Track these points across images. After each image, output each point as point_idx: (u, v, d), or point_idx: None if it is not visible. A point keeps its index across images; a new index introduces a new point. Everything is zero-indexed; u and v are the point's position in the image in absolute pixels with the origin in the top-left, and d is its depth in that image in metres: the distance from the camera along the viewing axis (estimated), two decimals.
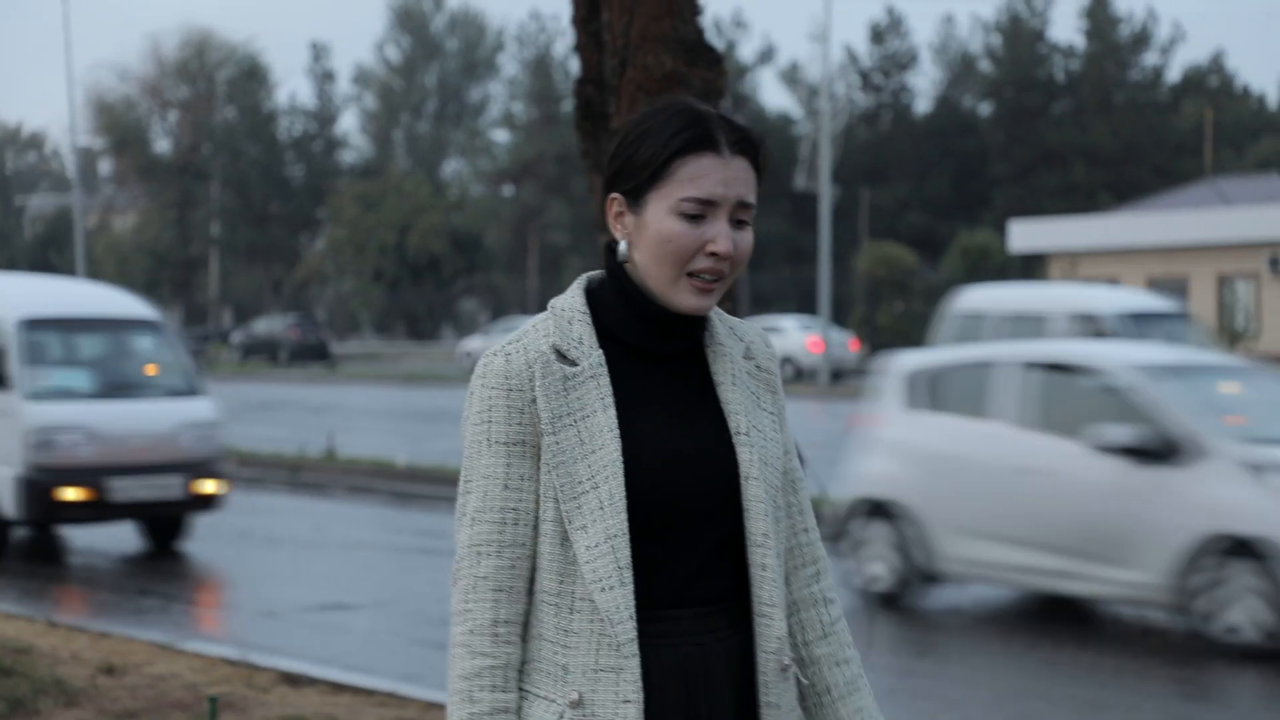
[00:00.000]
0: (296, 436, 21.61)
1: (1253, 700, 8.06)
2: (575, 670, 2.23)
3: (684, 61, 4.98)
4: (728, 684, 2.30)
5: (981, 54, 69.04)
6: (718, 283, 2.29)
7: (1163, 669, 8.66)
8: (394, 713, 6.72)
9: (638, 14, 4.96)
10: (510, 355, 2.27)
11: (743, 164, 2.30)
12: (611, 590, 2.20)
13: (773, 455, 2.35)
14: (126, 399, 12.59)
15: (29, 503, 11.67)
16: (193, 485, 12.41)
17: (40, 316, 12.58)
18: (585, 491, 2.23)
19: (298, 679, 7.37)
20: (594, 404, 2.25)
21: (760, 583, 2.30)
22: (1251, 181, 50.44)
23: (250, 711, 6.57)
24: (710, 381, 2.36)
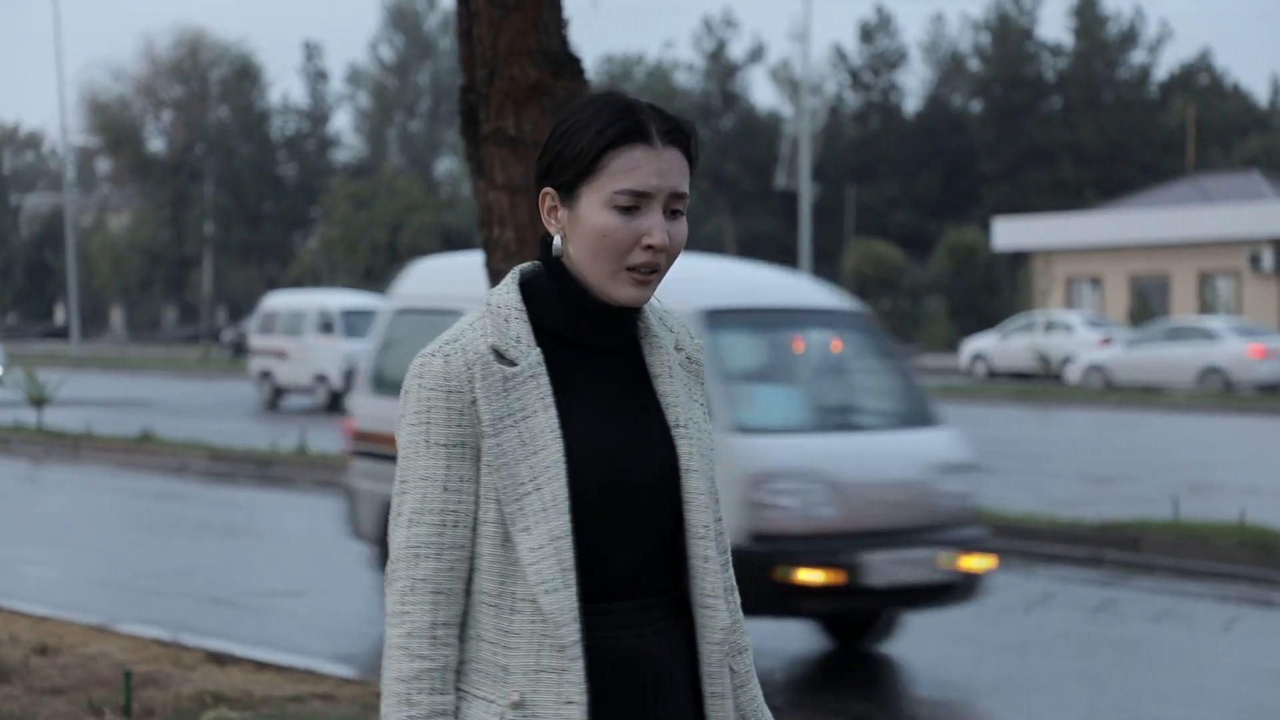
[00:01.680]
0: (275, 432, 21.94)
1: None
2: (516, 671, 2.23)
3: (549, 73, 5.33)
4: (674, 674, 2.31)
5: (970, 52, 69.33)
6: (655, 274, 2.30)
7: None
8: (309, 688, 7.07)
9: (505, 28, 5.31)
10: (449, 356, 2.26)
11: (675, 154, 2.30)
12: (556, 593, 2.20)
13: (707, 448, 2.38)
14: (856, 431, 8.72)
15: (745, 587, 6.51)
16: (952, 560, 8.19)
17: (728, 307, 8.60)
18: (528, 493, 2.23)
19: (224, 658, 7.73)
20: (534, 404, 2.25)
21: (703, 574, 2.32)
22: (1234, 179, 50.75)
23: (171, 687, 6.92)
24: (646, 374, 2.37)
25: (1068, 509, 13.80)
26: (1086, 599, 10.64)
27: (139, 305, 79.36)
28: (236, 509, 15.62)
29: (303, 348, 28.63)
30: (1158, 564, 11.72)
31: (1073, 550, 12.20)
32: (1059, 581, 11.28)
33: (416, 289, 10.04)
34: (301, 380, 28.80)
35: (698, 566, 2.31)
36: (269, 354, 29.75)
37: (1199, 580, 11.25)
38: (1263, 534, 11.69)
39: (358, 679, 7.39)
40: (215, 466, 19.04)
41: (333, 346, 28.03)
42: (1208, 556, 11.64)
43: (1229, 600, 10.56)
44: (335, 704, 6.70)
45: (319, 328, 28.52)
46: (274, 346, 29.68)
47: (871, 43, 69.89)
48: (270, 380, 29.76)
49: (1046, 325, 38.98)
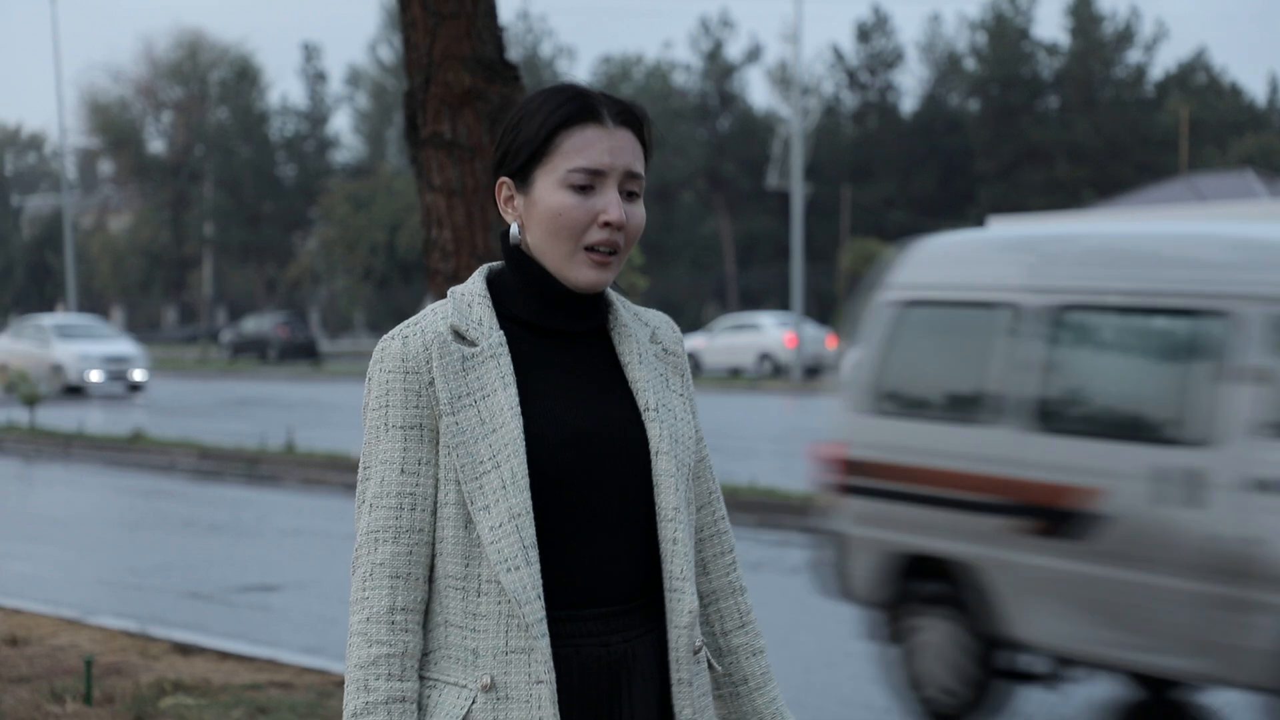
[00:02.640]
0: (266, 431, 22.16)
1: None
2: (485, 654, 2.20)
3: (482, 78, 5.53)
4: (639, 684, 2.27)
5: (967, 52, 69.53)
6: (614, 256, 2.28)
7: None
8: (269, 676, 7.27)
9: (440, 36, 5.51)
10: (408, 338, 2.25)
11: (627, 135, 2.29)
12: (517, 570, 2.17)
13: (684, 434, 2.33)
14: None
15: None
16: None
17: None
18: (487, 471, 2.19)
19: (189, 648, 7.94)
20: (494, 383, 2.23)
21: (671, 556, 2.28)
22: (1227, 178, 50.91)
23: (133, 676, 7.12)
24: (617, 363, 2.35)
25: None
26: None
27: (139, 306, 79.61)
28: (221, 506, 15.83)
29: None
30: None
31: None
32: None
33: (930, 276, 7.57)
34: None
35: (666, 549, 2.27)
36: None
37: None
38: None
39: (317, 668, 7.59)
40: (204, 465, 19.27)
41: None
42: None
43: None
44: (292, 691, 6.90)
45: None
46: None
47: (868, 43, 70.11)
48: None
49: None
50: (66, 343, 33.89)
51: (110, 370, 33.54)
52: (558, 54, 73.60)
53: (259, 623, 9.74)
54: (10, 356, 33.74)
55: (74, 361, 33.41)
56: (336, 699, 6.73)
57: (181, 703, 6.47)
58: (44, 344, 33.96)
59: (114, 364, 33.65)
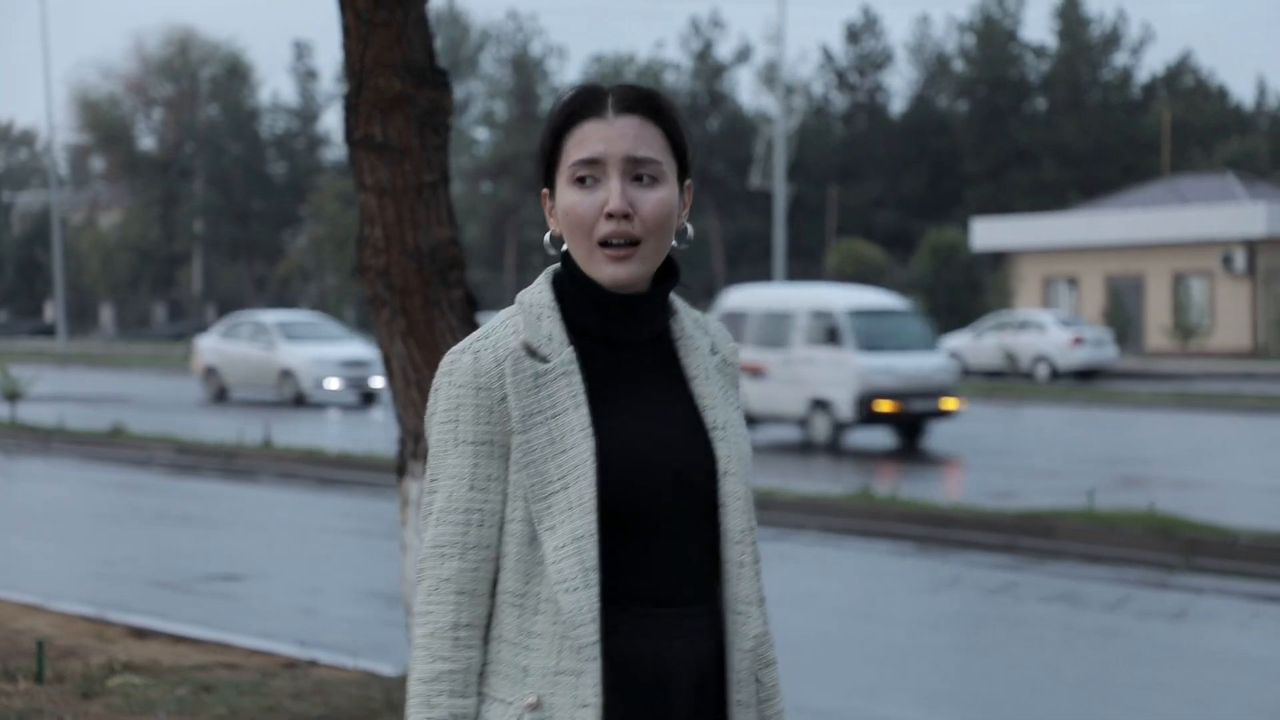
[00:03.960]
0: (246, 427, 22.41)
1: None
2: (535, 673, 2.20)
3: (412, 84, 5.79)
4: (694, 688, 2.26)
5: (955, 54, 69.83)
6: (633, 249, 2.26)
7: None
8: (218, 658, 7.53)
9: (371, 43, 5.77)
10: (479, 353, 2.24)
11: (631, 121, 2.28)
12: (575, 592, 2.17)
13: (746, 453, 2.32)
14: None
15: None
16: None
17: None
18: (555, 491, 2.19)
19: (144, 632, 8.19)
20: (565, 401, 2.22)
21: (738, 579, 2.28)
22: (1209, 181, 51.25)
23: (86, 658, 7.38)
24: (681, 375, 2.33)
25: (1002, 500, 14.27)
26: (990, 581, 11.09)
27: (129, 303, 79.77)
28: (195, 499, 16.07)
29: (791, 363, 20.64)
30: (1068, 550, 12.19)
31: (989, 538, 12.67)
32: (970, 566, 11.74)
33: None
34: (788, 407, 20.60)
35: (733, 571, 2.28)
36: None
37: (1104, 565, 11.72)
38: (1168, 521, 12.15)
39: (265, 651, 7.85)
40: (181, 459, 19.51)
41: (841, 362, 20.08)
42: (1116, 543, 12.10)
43: (1126, 582, 11.02)
44: (238, 671, 7.16)
45: (817, 336, 20.57)
46: (743, 361, 22.91)
47: (858, 44, 70.38)
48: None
49: (1020, 324, 39.45)
50: (296, 345, 29.42)
51: (349, 377, 28.93)
52: (548, 53, 73.88)
53: (220, 610, 9.98)
54: (222, 359, 30.54)
55: (308, 367, 28.88)
56: (280, 679, 6.99)
57: (129, 682, 6.73)
58: (269, 346, 29.81)
59: (352, 369, 28.95)
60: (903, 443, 20.48)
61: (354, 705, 6.31)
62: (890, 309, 21.33)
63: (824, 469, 18.33)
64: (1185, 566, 11.48)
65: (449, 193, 5.95)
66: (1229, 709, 7.58)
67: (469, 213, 70.03)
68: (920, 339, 21.07)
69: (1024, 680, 8.19)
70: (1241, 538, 11.74)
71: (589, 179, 2.26)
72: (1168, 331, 43.98)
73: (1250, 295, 44.34)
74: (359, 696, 6.44)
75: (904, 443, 20.48)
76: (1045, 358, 37.31)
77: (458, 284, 5.92)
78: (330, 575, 11.48)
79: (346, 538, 13.55)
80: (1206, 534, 11.87)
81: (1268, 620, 9.78)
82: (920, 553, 12.40)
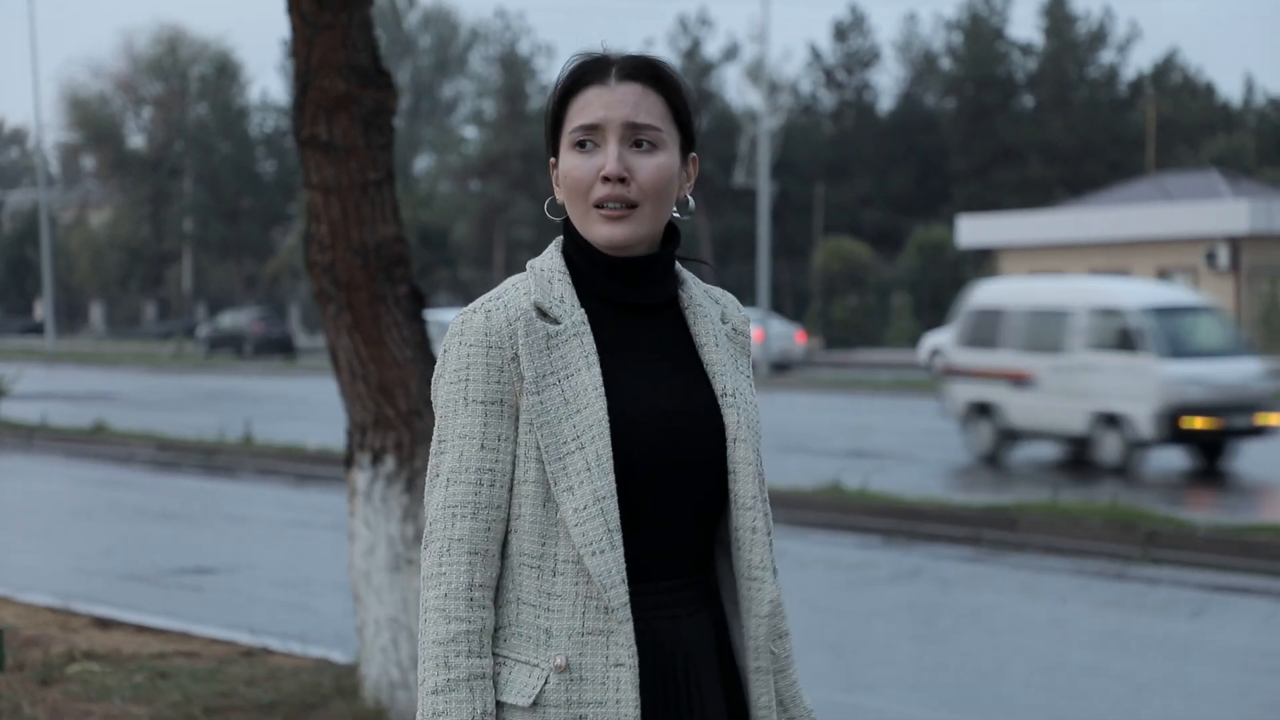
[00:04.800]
0: (229, 424, 22.55)
1: None
2: (559, 634, 2.19)
3: (356, 84, 5.95)
4: (699, 659, 2.27)
5: (943, 52, 70.01)
6: (629, 210, 2.27)
7: None
8: (178, 647, 7.68)
9: (317, 45, 5.93)
10: (490, 312, 2.24)
11: (632, 87, 2.29)
12: (602, 554, 2.17)
13: (755, 420, 2.34)
14: None
15: None
16: None
17: None
18: (571, 452, 2.19)
19: (108, 622, 8.34)
20: (578, 362, 2.22)
21: (750, 545, 2.28)
22: (1193, 178, 51.45)
23: (48, 647, 7.53)
24: (691, 343, 2.34)
25: (965, 493, 14.44)
26: (950, 573, 11.26)
27: (118, 301, 79.86)
28: (174, 495, 16.21)
29: (1068, 371, 17.62)
30: (1030, 542, 12.36)
31: (954, 530, 12.83)
32: (933, 559, 11.91)
33: None
34: (1064, 422, 17.61)
35: (744, 538, 2.28)
36: (990, 376, 18.30)
37: (1065, 556, 11.89)
38: (1129, 513, 12.33)
39: (225, 640, 8.00)
40: (162, 456, 19.65)
41: (1139, 370, 16.97)
42: (1078, 535, 12.27)
43: (1084, 574, 11.19)
44: (196, 660, 7.31)
45: (1104, 338, 17.63)
46: (1001, 366, 18.25)
47: (845, 42, 70.52)
48: (992, 419, 18.25)
49: None
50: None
51: None
52: (536, 52, 73.99)
53: (188, 602, 10.13)
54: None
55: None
56: (237, 666, 7.14)
57: (88, 669, 6.88)
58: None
59: None
60: (1205, 464, 17.38)
61: (304, 691, 6.47)
62: (1192, 306, 18.34)
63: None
64: (1144, 558, 11.65)
65: (394, 191, 6.10)
66: (1170, 694, 7.74)
67: (458, 211, 70.17)
68: (1229, 342, 18.02)
69: (971, 668, 8.35)
70: (1200, 530, 11.91)
71: (589, 143, 2.28)
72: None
73: (1234, 292, 44.54)
74: (310, 683, 6.60)
75: (1206, 464, 17.36)
76: None
77: (403, 280, 6.07)
78: (300, 569, 11.61)
79: (320, 532, 13.68)
80: (1166, 526, 12.05)
81: (1218, 609, 9.94)
82: (885, 545, 12.56)
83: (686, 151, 2.36)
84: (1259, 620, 9.57)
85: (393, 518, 6.13)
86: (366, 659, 6.23)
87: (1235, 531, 11.75)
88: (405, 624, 6.10)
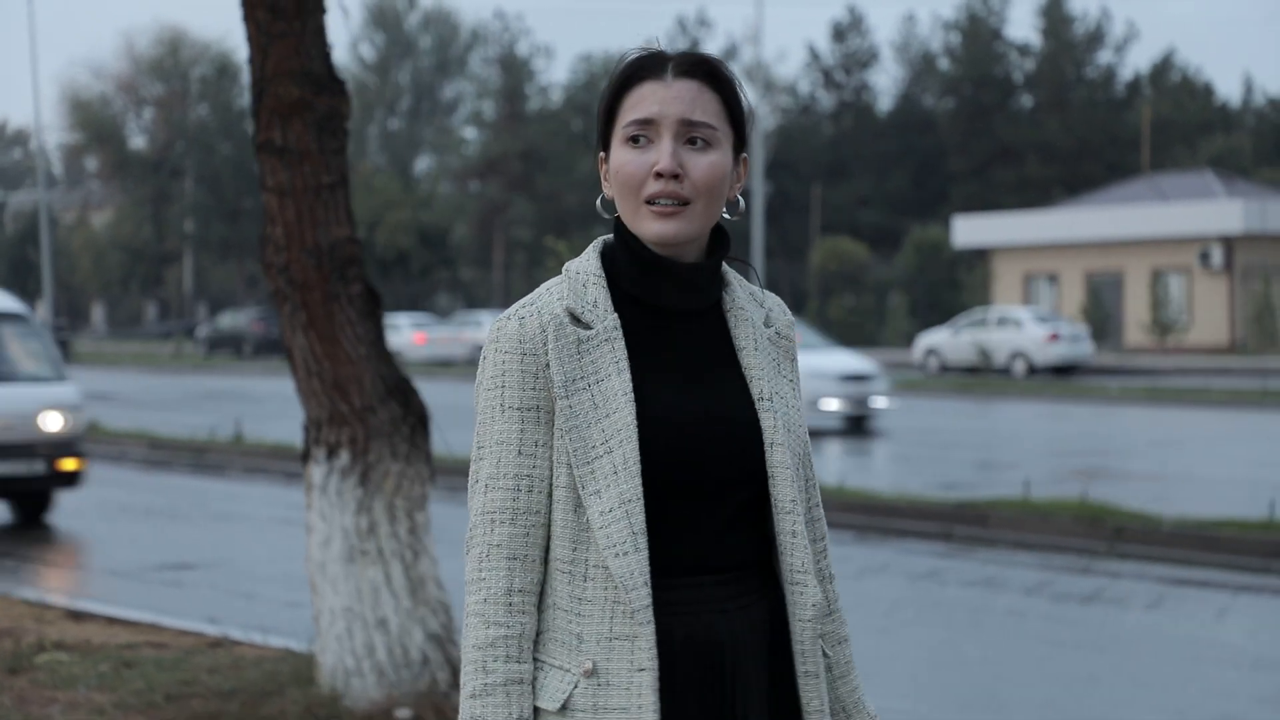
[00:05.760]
0: (222, 423, 22.75)
1: None
2: (589, 639, 2.20)
3: (310, 91, 6.14)
4: (754, 654, 2.27)
5: (941, 52, 70.20)
6: (681, 208, 2.26)
7: None
8: (147, 638, 7.88)
9: (271, 53, 6.12)
10: (524, 319, 2.25)
11: (689, 85, 2.28)
12: (625, 556, 2.17)
13: (796, 423, 2.33)
14: None
15: None
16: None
17: None
18: (599, 456, 2.20)
19: (81, 614, 8.54)
20: (608, 367, 2.22)
21: (791, 549, 2.27)
22: (1188, 178, 51.61)
23: (20, 637, 7.73)
24: (731, 346, 2.33)
25: (949, 490, 14.62)
26: (918, 567, 11.46)
27: (120, 301, 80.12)
28: (162, 493, 16.42)
29: None
30: (1000, 538, 12.56)
31: (926, 526, 13.03)
32: (903, 554, 12.10)
33: None
34: None
35: (785, 542, 2.28)
36: None
37: (1033, 552, 12.08)
38: (1097, 509, 12.52)
39: (194, 631, 8.20)
40: (153, 455, 19.86)
41: None
42: (1047, 530, 12.47)
43: (1050, 568, 11.38)
44: (163, 650, 7.51)
45: None
46: None
47: (844, 43, 70.73)
48: None
49: (997, 321, 39.83)
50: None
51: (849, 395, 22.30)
52: (535, 53, 74.20)
53: (167, 597, 10.33)
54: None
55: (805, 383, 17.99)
56: (202, 656, 7.34)
57: (56, 658, 7.08)
58: None
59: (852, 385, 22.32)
60: None
61: (264, 679, 6.67)
62: None
63: None
64: (1110, 552, 11.84)
65: (348, 194, 6.29)
66: (1116, 683, 7.93)
67: (457, 211, 70.39)
68: None
69: (925, 659, 8.54)
70: (1165, 525, 12.10)
71: (642, 139, 2.27)
72: (1146, 328, 44.32)
73: (1227, 291, 44.71)
74: (270, 671, 6.80)
75: None
76: (1022, 354, 37.73)
77: (356, 279, 6.26)
78: (280, 564, 11.80)
79: (297, 528, 13.88)
80: (1132, 521, 12.24)
81: (1174, 601, 10.13)
82: (857, 541, 12.75)
83: (738, 152, 2.36)
84: (1214, 612, 9.75)
85: (347, 510, 6.32)
86: (322, 647, 6.42)
87: (1199, 526, 11.94)
88: (359, 613, 6.30)
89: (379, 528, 6.32)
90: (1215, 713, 7.36)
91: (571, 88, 70.41)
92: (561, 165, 66.62)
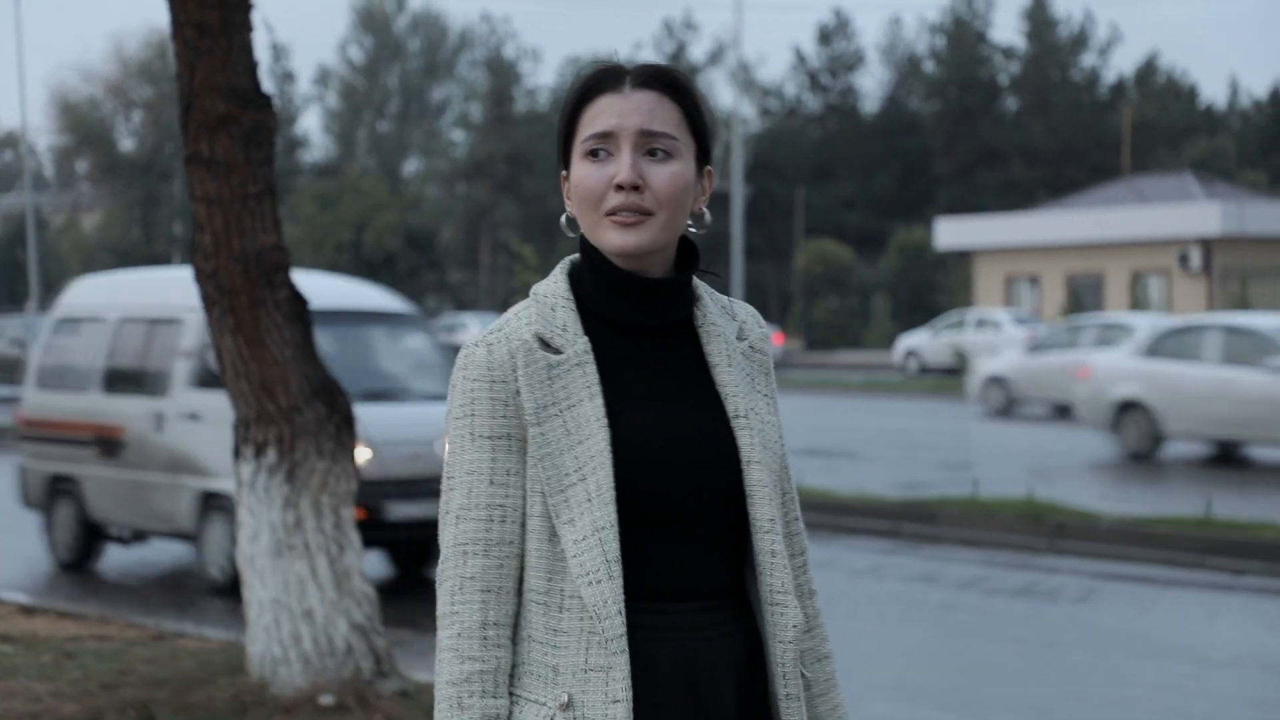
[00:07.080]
0: None
1: None
2: (565, 671, 2.15)
3: (236, 105, 6.42)
4: (731, 681, 2.22)
5: (926, 55, 70.53)
6: (642, 218, 2.21)
7: None
8: (94, 631, 8.16)
9: (199, 69, 6.40)
10: (492, 345, 2.19)
11: (647, 95, 2.24)
12: (599, 584, 2.12)
13: (772, 440, 2.28)
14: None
15: None
16: None
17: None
18: (573, 484, 2.15)
19: (32, 609, 8.82)
20: (580, 392, 2.17)
21: (771, 570, 2.22)
22: (1167, 180, 51.95)
23: None
24: (704, 363, 2.28)
25: (909, 490, 14.87)
26: (861, 563, 11.74)
27: None
28: None
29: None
30: (946, 535, 12.85)
31: (875, 524, 13.32)
32: (849, 550, 12.39)
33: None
34: None
35: (764, 562, 2.22)
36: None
37: (977, 548, 12.37)
38: (1041, 507, 12.81)
39: (140, 624, 8.48)
40: None
41: None
42: (991, 528, 12.76)
43: (991, 564, 11.67)
44: (107, 642, 7.79)
45: None
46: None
47: (829, 45, 71.02)
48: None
49: (976, 323, 40.12)
50: None
51: None
52: (522, 56, 74.48)
53: (126, 595, 10.61)
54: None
55: None
56: (144, 648, 7.62)
57: (1, 651, 7.34)
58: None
59: None
60: None
61: (198, 668, 6.95)
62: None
63: None
64: (1050, 549, 12.14)
65: (274, 203, 6.57)
66: (1026, 672, 8.22)
67: (444, 213, 70.67)
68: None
69: (850, 651, 8.82)
70: (1104, 521, 12.40)
71: (601, 152, 2.23)
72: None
73: (1206, 293, 45.02)
74: (205, 661, 7.09)
75: None
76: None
77: (283, 285, 6.54)
78: None
79: None
80: (1074, 518, 12.54)
81: (1102, 595, 10.42)
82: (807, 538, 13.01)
83: (702, 163, 2.31)
84: (1142, 605, 10.04)
85: (274, 506, 6.60)
86: (251, 638, 6.70)
87: (1137, 523, 12.23)
88: (286, 604, 6.58)
89: (305, 523, 6.60)
90: (1114, 698, 7.65)
91: (558, 91, 70.67)
92: (548, 168, 66.92)
